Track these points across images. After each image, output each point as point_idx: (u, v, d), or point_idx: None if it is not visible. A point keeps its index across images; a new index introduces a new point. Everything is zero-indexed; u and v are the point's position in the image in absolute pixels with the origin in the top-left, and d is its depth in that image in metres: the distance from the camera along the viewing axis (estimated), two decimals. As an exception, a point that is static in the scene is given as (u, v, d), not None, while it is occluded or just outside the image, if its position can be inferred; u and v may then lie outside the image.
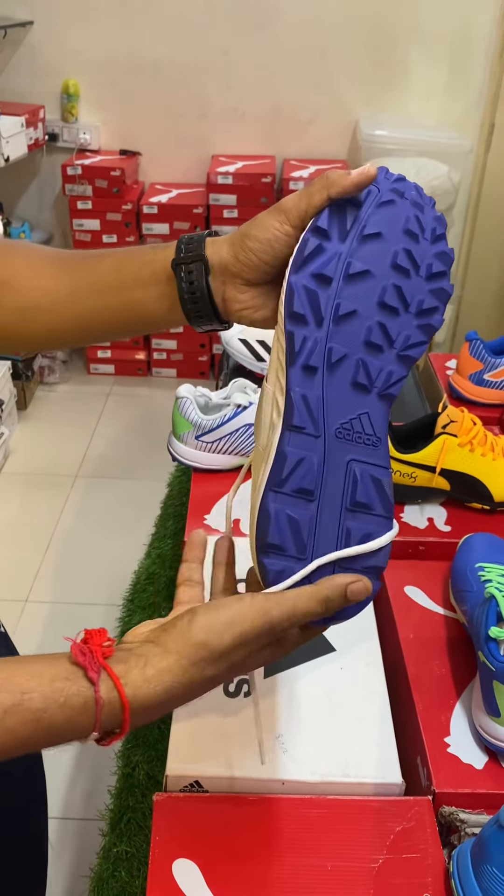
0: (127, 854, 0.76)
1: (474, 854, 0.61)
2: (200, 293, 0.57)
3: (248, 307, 0.58)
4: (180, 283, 0.57)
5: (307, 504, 0.52)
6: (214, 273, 0.57)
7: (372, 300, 0.53)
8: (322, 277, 0.53)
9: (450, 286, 0.54)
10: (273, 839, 0.66)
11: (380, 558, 0.53)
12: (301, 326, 0.53)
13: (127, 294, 0.60)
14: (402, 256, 0.53)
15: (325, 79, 2.57)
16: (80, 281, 0.62)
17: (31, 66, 2.61)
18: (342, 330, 0.52)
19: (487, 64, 2.52)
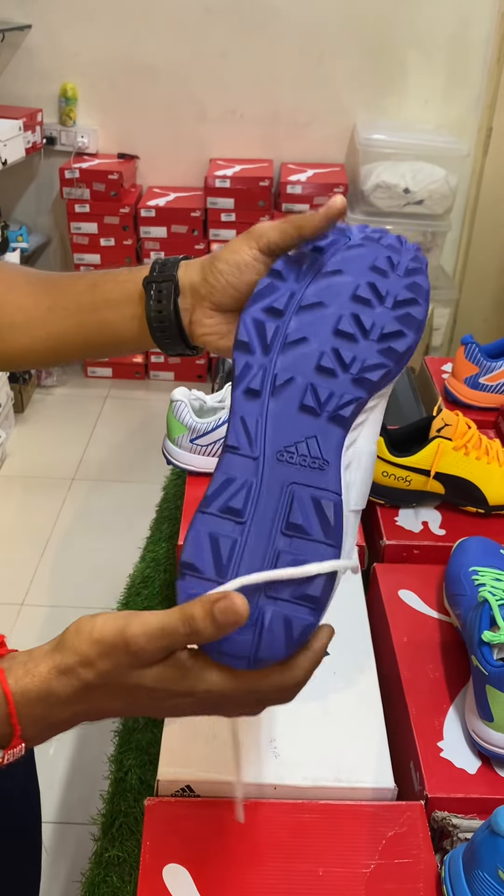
0: (119, 859, 0.76)
1: (466, 859, 0.61)
2: (167, 312, 0.57)
3: (212, 333, 0.58)
4: (149, 300, 0.57)
5: (234, 525, 0.49)
6: (184, 295, 0.57)
7: (326, 328, 0.52)
8: (272, 310, 0.53)
9: (420, 312, 0.53)
10: (264, 844, 0.65)
11: (314, 587, 0.47)
12: (245, 354, 0.53)
13: (99, 314, 0.60)
14: (365, 288, 0.53)
15: (323, 82, 2.58)
16: (56, 301, 0.62)
17: (28, 69, 2.61)
18: (290, 356, 0.52)
19: (485, 68, 2.53)
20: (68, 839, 1.23)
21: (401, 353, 0.52)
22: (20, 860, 0.84)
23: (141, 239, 2.64)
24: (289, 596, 0.47)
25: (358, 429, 0.52)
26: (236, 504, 0.49)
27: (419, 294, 0.54)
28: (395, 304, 0.53)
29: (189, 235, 2.62)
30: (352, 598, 0.90)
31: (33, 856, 0.86)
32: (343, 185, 2.52)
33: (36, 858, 0.86)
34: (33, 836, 0.86)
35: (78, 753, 1.45)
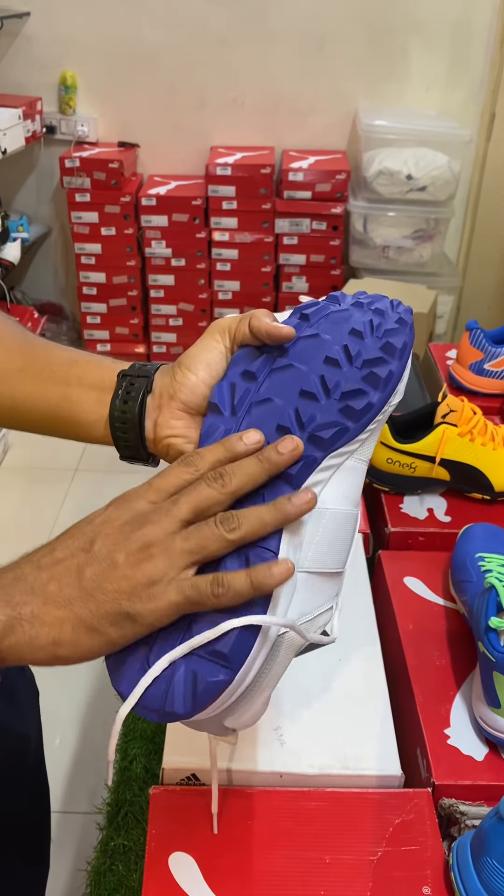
0: (124, 848, 0.76)
1: (474, 846, 0.61)
2: (132, 404, 0.55)
3: (178, 435, 0.55)
4: (118, 390, 0.56)
5: None
6: (153, 396, 0.56)
7: (294, 389, 0.52)
8: (247, 374, 0.54)
9: (385, 370, 0.52)
10: (271, 832, 0.65)
11: (223, 643, 0.46)
12: (214, 414, 0.53)
13: (67, 389, 0.58)
14: (338, 350, 0.52)
15: (325, 69, 2.55)
16: (30, 364, 0.60)
17: (28, 57, 2.59)
18: (255, 416, 0.52)
19: (488, 53, 2.50)
20: (74, 828, 1.23)
21: (358, 412, 0.51)
22: (30, 849, 0.84)
23: (142, 228, 2.63)
24: (202, 651, 0.46)
25: (317, 487, 0.50)
26: None
27: (390, 353, 0.52)
28: (363, 364, 0.52)
29: (190, 224, 2.60)
30: (357, 585, 0.89)
31: (42, 845, 0.86)
32: (345, 171, 2.50)
33: (45, 847, 0.86)
34: (42, 824, 0.86)
35: (83, 743, 1.45)
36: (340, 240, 2.59)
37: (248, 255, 2.63)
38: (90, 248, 2.68)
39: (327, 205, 2.52)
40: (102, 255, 2.68)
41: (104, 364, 0.59)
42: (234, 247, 2.63)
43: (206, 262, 2.66)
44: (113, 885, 0.72)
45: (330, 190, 2.51)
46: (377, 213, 2.48)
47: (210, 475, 0.48)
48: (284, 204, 2.54)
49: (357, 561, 0.93)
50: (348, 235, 2.61)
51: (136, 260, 2.69)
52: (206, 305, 2.73)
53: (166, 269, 2.69)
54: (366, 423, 0.52)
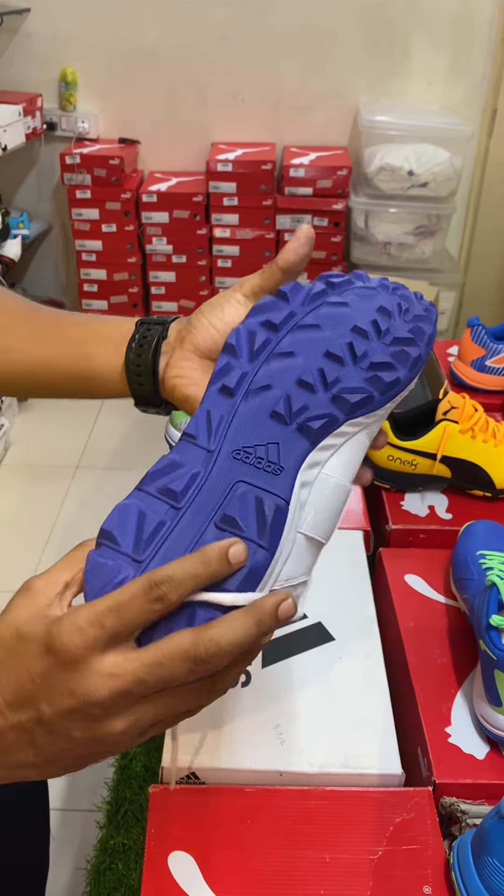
0: (124, 846, 0.76)
1: (475, 845, 0.60)
2: (146, 349, 0.57)
3: (184, 376, 0.57)
4: (134, 335, 0.58)
5: (168, 508, 0.47)
6: (168, 339, 0.58)
7: (318, 349, 0.51)
8: (269, 324, 0.53)
9: (415, 351, 0.52)
10: (270, 831, 0.65)
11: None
12: (229, 355, 0.52)
13: (83, 346, 0.60)
14: (367, 323, 0.52)
15: (326, 65, 2.55)
16: (44, 328, 0.61)
17: (28, 54, 2.58)
18: (274, 366, 0.51)
19: (489, 48, 2.49)
20: (73, 826, 1.22)
21: (387, 384, 0.51)
22: (29, 847, 0.83)
23: (143, 224, 2.62)
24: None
25: (328, 451, 0.50)
26: (175, 487, 0.48)
27: (419, 337, 0.53)
28: (393, 341, 0.52)
29: (191, 220, 2.59)
30: (358, 582, 0.89)
31: (42, 843, 0.86)
32: (346, 167, 2.49)
33: (44, 845, 0.86)
34: (42, 822, 0.85)
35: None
36: (342, 236, 2.58)
37: (249, 252, 2.63)
38: (91, 244, 2.67)
39: (328, 201, 2.52)
40: (103, 251, 2.68)
41: (119, 319, 0.61)
42: (235, 243, 2.62)
43: (207, 259, 2.66)
44: (112, 883, 0.72)
45: (331, 186, 2.50)
46: (378, 209, 2.48)
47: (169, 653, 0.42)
48: (285, 200, 2.53)
49: (358, 558, 0.92)
50: (349, 232, 2.60)
51: (137, 257, 2.68)
52: (208, 302, 2.73)
53: (167, 265, 2.68)
54: (390, 398, 0.52)
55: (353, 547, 0.94)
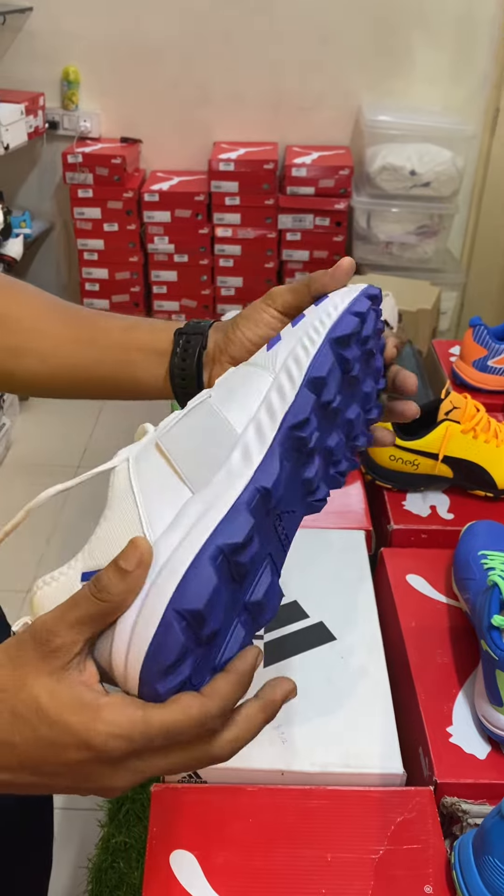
0: (125, 845, 0.76)
1: (476, 845, 0.60)
2: (190, 362, 0.59)
3: None
4: (176, 348, 0.60)
5: (234, 589, 0.43)
6: (209, 352, 0.59)
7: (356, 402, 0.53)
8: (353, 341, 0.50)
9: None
10: (272, 830, 0.65)
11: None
12: (320, 390, 0.48)
13: (126, 354, 0.61)
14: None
15: (328, 64, 2.55)
16: (82, 333, 0.62)
17: (30, 52, 2.58)
18: (330, 420, 0.50)
19: (492, 48, 2.49)
20: (75, 825, 1.23)
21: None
22: (31, 846, 0.84)
23: (144, 224, 2.62)
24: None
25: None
26: (249, 567, 0.44)
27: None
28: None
29: (193, 220, 2.60)
30: (359, 582, 0.89)
31: (44, 841, 0.86)
32: (348, 167, 2.49)
33: (47, 844, 0.86)
34: (44, 820, 0.86)
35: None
36: (344, 236, 2.59)
37: (250, 251, 2.63)
38: (93, 244, 2.67)
39: (330, 200, 2.52)
40: (105, 251, 2.68)
41: (157, 326, 0.62)
42: (236, 243, 2.62)
43: (209, 258, 2.66)
44: (114, 882, 0.72)
45: (333, 185, 2.50)
46: (381, 208, 2.48)
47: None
48: (287, 200, 2.54)
49: (360, 558, 0.92)
50: (351, 231, 2.60)
51: (139, 256, 2.69)
52: (209, 301, 2.73)
53: (169, 265, 2.68)
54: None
55: (355, 547, 0.94)
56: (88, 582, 0.42)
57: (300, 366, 0.48)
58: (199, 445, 0.47)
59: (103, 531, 0.45)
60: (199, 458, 0.46)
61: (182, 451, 0.47)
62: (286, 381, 0.48)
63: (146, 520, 0.44)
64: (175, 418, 0.49)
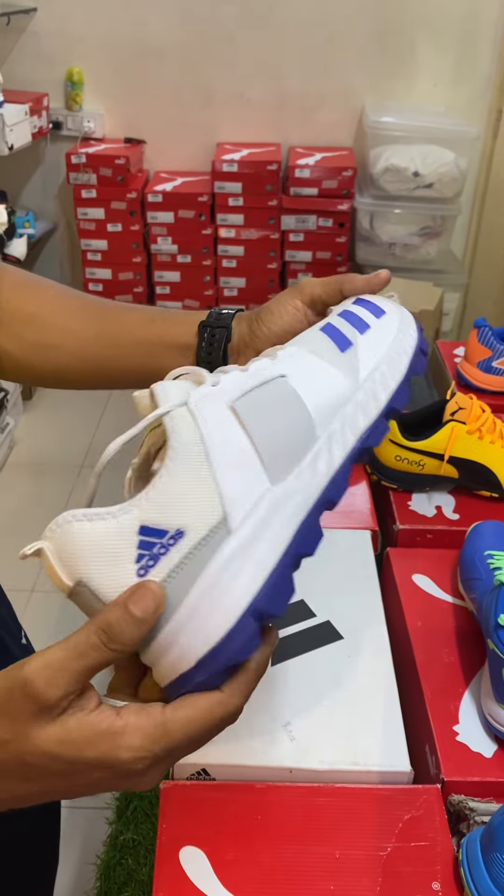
0: (134, 842, 0.77)
1: (484, 842, 0.61)
2: (216, 356, 0.59)
3: None
4: (201, 342, 0.60)
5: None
6: (233, 345, 0.59)
7: None
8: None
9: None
10: (280, 827, 0.65)
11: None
12: (391, 418, 0.49)
13: (150, 348, 0.62)
14: None
15: (331, 65, 2.55)
16: (106, 328, 0.63)
17: (34, 53, 2.59)
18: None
19: (495, 50, 2.49)
20: (83, 823, 1.23)
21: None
22: (39, 843, 0.84)
23: (148, 224, 2.63)
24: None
25: None
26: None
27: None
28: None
29: (196, 220, 2.60)
30: (366, 582, 0.89)
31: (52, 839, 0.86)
32: (352, 168, 2.50)
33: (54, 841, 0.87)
34: (52, 818, 0.86)
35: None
36: (347, 237, 2.59)
37: (253, 252, 2.63)
38: (96, 244, 2.68)
39: (333, 201, 2.52)
40: (108, 251, 2.69)
41: (179, 319, 0.62)
42: (239, 243, 2.63)
43: (212, 259, 2.67)
44: (122, 878, 0.73)
45: (336, 187, 2.51)
46: (383, 209, 2.48)
47: None
48: (290, 200, 2.54)
49: (366, 558, 0.93)
50: (354, 232, 2.60)
51: (142, 256, 2.69)
52: (212, 302, 2.74)
53: (172, 265, 2.69)
54: None
55: (361, 547, 0.94)
56: (97, 629, 0.38)
57: (384, 393, 0.48)
58: (281, 431, 0.44)
59: (168, 486, 0.41)
60: (280, 447, 0.44)
61: (264, 431, 0.44)
62: (372, 403, 0.47)
63: (222, 492, 0.41)
64: (242, 382, 0.45)
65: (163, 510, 0.40)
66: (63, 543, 0.40)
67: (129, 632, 0.38)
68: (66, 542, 0.40)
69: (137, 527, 0.40)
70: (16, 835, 0.78)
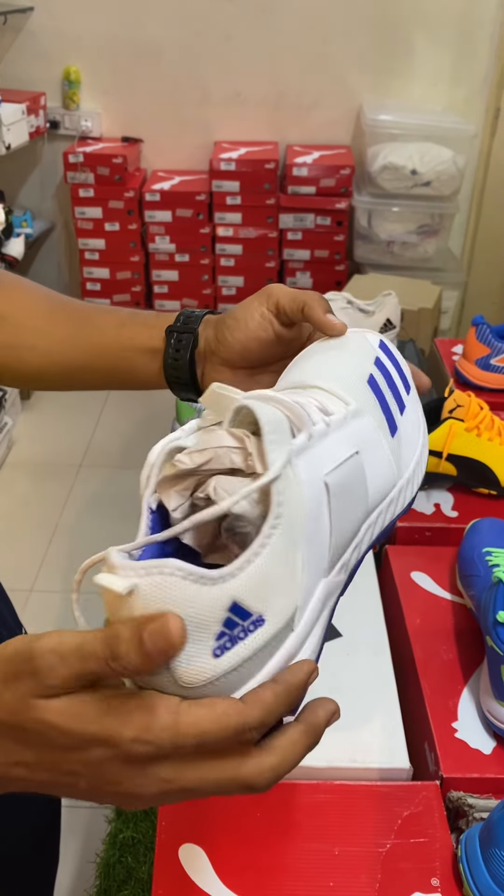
0: (133, 840, 0.77)
1: (482, 838, 0.61)
2: (182, 362, 0.60)
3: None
4: (168, 348, 0.60)
5: None
6: (200, 349, 0.60)
7: None
8: None
9: None
10: (280, 824, 0.65)
11: None
12: None
13: (120, 351, 0.62)
14: None
15: (329, 64, 2.55)
16: (79, 330, 0.63)
17: (31, 52, 2.59)
18: None
19: (493, 48, 2.49)
20: (82, 821, 1.23)
21: None
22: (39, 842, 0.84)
23: (146, 223, 2.63)
24: None
25: None
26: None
27: None
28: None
29: (194, 219, 2.60)
30: (365, 579, 0.90)
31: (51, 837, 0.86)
32: (349, 166, 2.50)
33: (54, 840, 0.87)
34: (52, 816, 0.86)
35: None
36: (345, 235, 2.59)
37: (252, 251, 2.63)
38: (94, 243, 2.68)
39: (331, 200, 2.52)
40: (106, 250, 2.68)
41: (149, 322, 0.62)
42: (237, 242, 2.63)
43: (210, 258, 2.67)
44: (122, 876, 0.73)
45: (334, 185, 2.51)
46: (381, 208, 2.48)
47: None
48: (288, 199, 2.54)
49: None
50: (353, 231, 2.60)
51: (140, 255, 2.69)
52: (210, 301, 2.74)
53: (170, 264, 2.69)
54: None
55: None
56: (105, 641, 0.35)
57: (409, 495, 0.47)
58: (351, 518, 0.41)
59: (267, 565, 0.36)
60: (345, 535, 0.40)
61: (341, 517, 0.40)
62: (398, 504, 0.45)
63: (300, 581, 0.37)
64: (335, 451, 0.40)
65: (256, 591, 0.36)
66: (156, 592, 0.35)
67: (133, 661, 0.35)
68: (160, 594, 0.35)
69: (230, 603, 0.35)
70: (17, 832, 0.78)
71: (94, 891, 0.76)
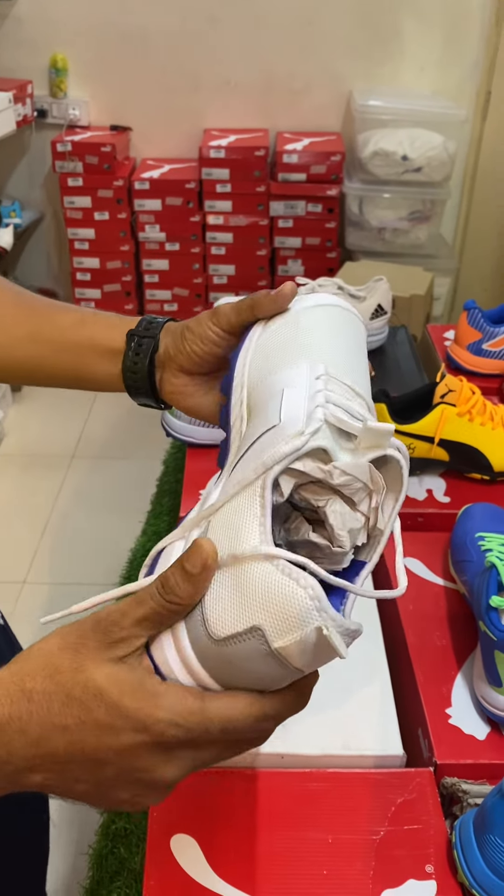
0: (125, 831, 0.76)
1: (477, 824, 0.60)
2: (141, 366, 0.60)
3: (178, 392, 0.60)
4: (128, 352, 0.61)
5: None
6: (160, 354, 0.61)
7: None
8: None
9: None
10: (272, 813, 0.65)
11: None
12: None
13: (80, 350, 0.63)
14: None
15: (318, 49, 2.53)
16: (39, 328, 0.64)
17: (17, 40, 2.56)
18: None
19: (483, 32, 2.47)
20: (73, 812, 1.23)
21: None
22: (30, 833, 0.83)
23: (135, 212, 2.61)
24: None
25: None
26: None
27: None
28: None
29: (184, 207, 2.58)
30: (356, 566, 0.89)
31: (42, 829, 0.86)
32: (340, 153, 2.48)
33: (45, 831, 0.86)
34: (42, 807, 0.86)
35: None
36: (336, 222, 2.57)
37: (242, 239, 2.62)
38: (83, 233, 2.66)
39: (322, 187, 2.50)
40: (96, 240, 2.66)
41: (111, 323, 0.63)
42: (228, 230, 2.61)
43: (201, 246, 2.65)
44: (115, 867, 0.72)
45: (325, 172, 2.49)
46: (373, 194, 2.47)
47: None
48: (279, 186, 2.52)
49: (356, 542, 0.92)
50: (344, 217, 2.59)
51: (130, 245, 2.67)
52: (201, 290, 2.72)
53: (160, 253, 2.67)
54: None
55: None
56: (156, 581, 0.41)
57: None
58: None
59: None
60: None
61: None
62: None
63: None
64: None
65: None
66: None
67: (182, 585, 0.40)
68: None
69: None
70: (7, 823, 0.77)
71: (87, 883, 0.75)
